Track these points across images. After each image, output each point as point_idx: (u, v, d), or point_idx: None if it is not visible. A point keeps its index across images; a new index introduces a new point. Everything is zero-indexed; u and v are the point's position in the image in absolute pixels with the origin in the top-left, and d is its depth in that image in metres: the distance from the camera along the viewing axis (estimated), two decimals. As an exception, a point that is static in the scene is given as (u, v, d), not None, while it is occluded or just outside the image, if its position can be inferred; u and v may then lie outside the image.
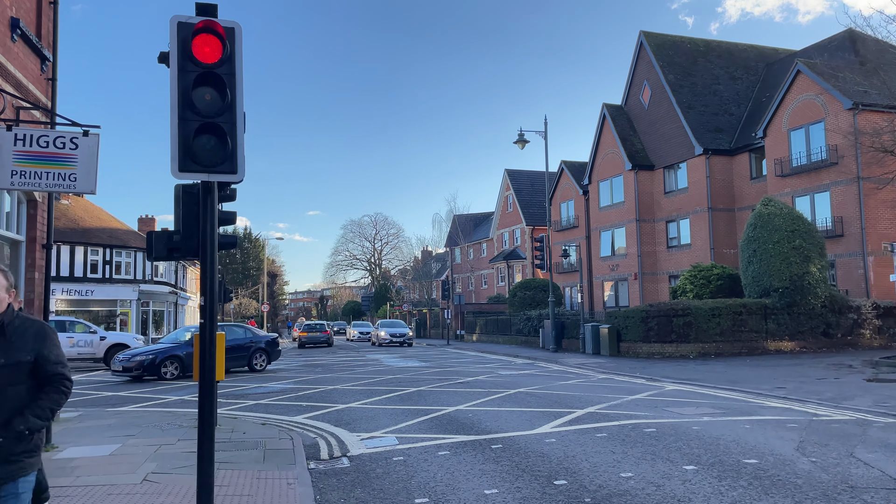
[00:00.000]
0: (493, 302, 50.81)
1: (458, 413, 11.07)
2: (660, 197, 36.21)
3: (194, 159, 4.97)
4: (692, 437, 8.24)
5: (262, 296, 58.21)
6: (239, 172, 5.09)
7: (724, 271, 25.77)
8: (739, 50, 38.95)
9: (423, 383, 16.12)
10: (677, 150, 34.75)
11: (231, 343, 19.98)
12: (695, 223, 33.68)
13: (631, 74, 38.93)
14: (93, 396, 15.57)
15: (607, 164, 39.08)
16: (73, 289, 34.55)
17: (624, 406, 11.23)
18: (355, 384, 16.47)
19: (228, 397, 14.43)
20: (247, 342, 21.22)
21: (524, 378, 17.11)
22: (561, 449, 7.81)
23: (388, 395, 13.98)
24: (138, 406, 13.62)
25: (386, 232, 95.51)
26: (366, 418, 10.93)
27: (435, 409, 11.55)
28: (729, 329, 22.37)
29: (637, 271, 36.38)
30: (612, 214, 38.80)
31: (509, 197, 57.68)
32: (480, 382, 16.10)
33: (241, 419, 11.22)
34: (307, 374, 20.28)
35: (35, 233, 9.04)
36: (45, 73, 9.42)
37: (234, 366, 20.55)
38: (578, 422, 9.69)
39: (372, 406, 12.37)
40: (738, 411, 10.43)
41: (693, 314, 22.27)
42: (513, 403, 12.04)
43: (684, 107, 34.35)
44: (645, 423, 9.32)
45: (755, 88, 36.69)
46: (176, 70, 4.97)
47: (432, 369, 20.68)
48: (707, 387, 14.06)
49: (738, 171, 33.03)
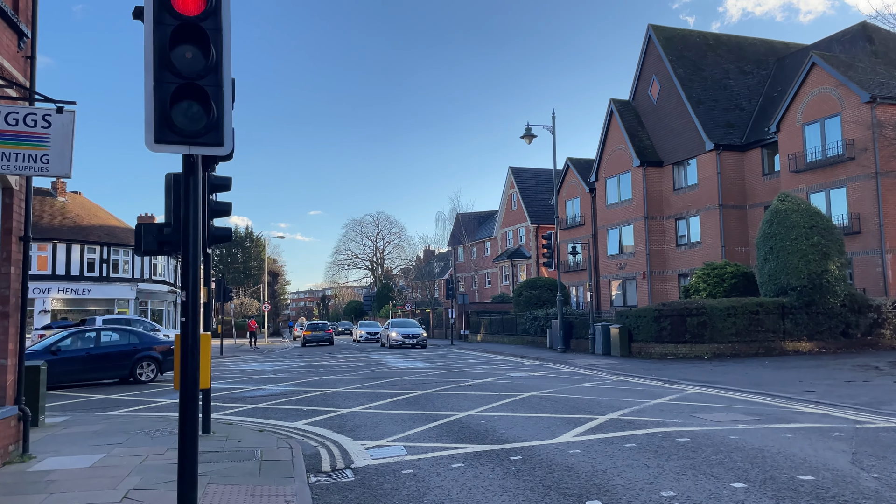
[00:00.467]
0: (497, 301, 50.03)
1: (469, 419, 10.32)
2: (669, 194, 35.42)
3: (173, 129, 4.22)
4: (732, 448, 7.47)
5: (264, 295, 57.49)
6: (226, 144, 4.35)
7: (738, 269, 24.99)
8: (749, 44, 38.15)
9: (429, 386, 15.37)
10: (687, 145, 33.96)
11: (105, 350, 17.94)
12: (705, 220, 32.88)
13: (639, 69, 38.13)
14: (84, 399, 14.85)
15: (615, 161, 38.29)
16: (70, 287, 33.83)
17: (648, 412, 10.47)
18: (358, 387, 15.73)
19: (225, 400, 13.70)
20: (129, 349, 18.30)
21: (535, 380, 16.35)
22: (588, 462, 7.05)
23: (394, 398, 13.23)
24: (130, 410, 12.89)
25: (388, 231, 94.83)
26: (370, 424, 10.19)
27: (444, 415, 10.80)
28: (745, 329, 21.59)
29: (645, 270, 35.59)
30: (619, 212, 38.02)
31: (513, 195, 56.90)
32: (490, 385, 15.34)
33: (236, 425, 10.49)
34: (308, 375, 19.55)
35: (10, 224, 8.29)
36: (23, 51, 8.67)
37: (105, 377, 18.01)
38: (602, 430, 8.93)
39: (376, 411, 11.62)
40: (773, 418, 9.66)
41: (708, 313, 21.49)
42: (527, 408, 11.28)
43: (694, 101, 33.56)
44: (676, 432, 8.56)
45: (766, 83, 35.90)
46: (151, 22, 4.22)
47: (438, 371, 19.93)
48: (731, 390, 13.30)
49: (749, 167, 32.23)
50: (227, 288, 38.38)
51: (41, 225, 34.03)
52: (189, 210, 4.45)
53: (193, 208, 4.46)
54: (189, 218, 4.44)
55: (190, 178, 4.50)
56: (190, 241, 4.48)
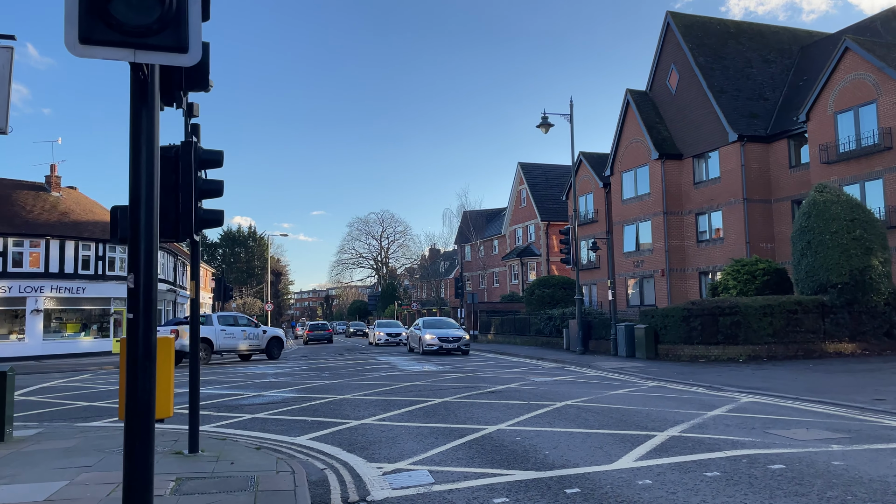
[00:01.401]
0: (506, 301, 48.49)
1: (501, 435, 8.84)
2: (689, 188, 33.87)
3: (108, 21, 2.73)
4: (848, 481, 5.96)
5: (267, 294, 56.11)
6: (191, 50, 2.86)
7: (769, 266, 23.45)
8: (772, 32, 36.57)
9: (446, 392, 13.88)
10: (708, 137, 32.40)
11: None
12: (728, 215, 31.32)
13: (656, 58, 36.58)
14: (68, 407, 13.40)
15: (631, 154, 36.75)
16: (63, 286, 32.40)
17: (710, 427, 8.97)
18: (367, 393, 14.24)
19: (221, 409, 12.23)
20: None
21: (563, 386, 14.85)
22: (668, 499, 5.56)
23: (409, 407, 11.75)
24: (114, 419, 11.45)
25: (393, 230, 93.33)
26: (386, 440, 8.72)
27: (471, 429, 9.32)
28: (782, 329, 20.05)
29: (664, 267, 34.04)
30: (636, 207, 36.47)
31: (523, 191, 55.35)
32: (515, 392, 13.84)
33: (230, 441, 9.04)
34: (313, 380, 18.08)
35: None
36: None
37: None
38: (667, 451, 7.43)
39: (391, 423, 10.14)
40: (866, 435, 8.15)
41: (742, 313, 19.95)
42: (567, 422, 9.79)
43: (716, 91, 32.00)
44: (761, 456, 7.05)
45: (790, 72, 34.33)
46: None
47: (453, 375, 18.43)
48: (789, 398, 11.78)
49: (775, 158, 30.65)
50: (227, 286, 36.86)
51: (33, 221, 32.62)
52: (140, 152, 2.96)
53: (148, 151, 2.98)
54: (140, 163, 2.96)
55: (142, 109, 3.01)
56: (142, 201, 3.00)
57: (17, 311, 31.69)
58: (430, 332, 29.28)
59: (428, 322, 31.57)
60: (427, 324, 31.08)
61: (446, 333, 29.01)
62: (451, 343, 28.56)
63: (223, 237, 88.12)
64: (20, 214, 32.54)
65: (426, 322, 31.60)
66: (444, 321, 32.08)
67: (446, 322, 31.76)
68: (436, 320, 32.28)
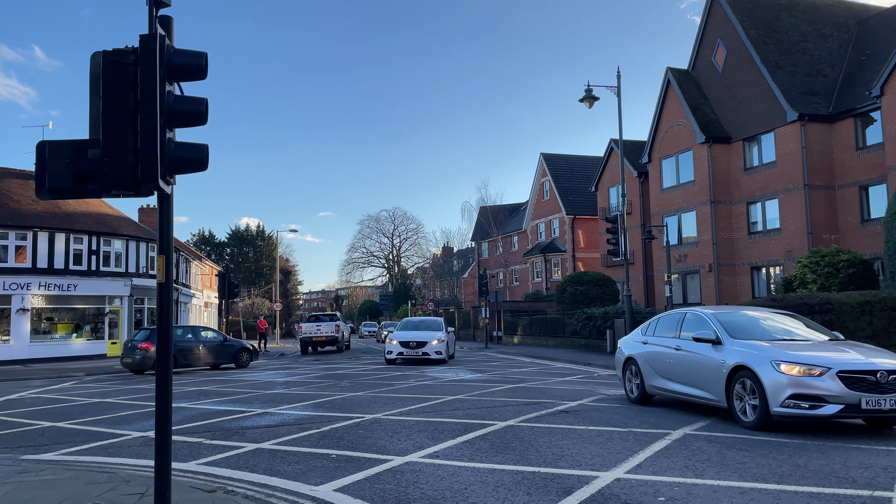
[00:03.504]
0: (530, 299, 45.45)
1: (629, 491, 5.86)
2: (738, 174, 30.75)
3: None
4: None
5: (276, 294, 53.38)
6: None
7: (854, 257, 20.35)
8: (825, 5, 33.40)
9: (504, 412, 10.88)
10: (762, 117, 29.30)
11: None
12: (785, 204, 28.20)
13: (700, 34, 33.49)
14: (25, 429, 10.52)
15: (672, 139, 33.67)
16: (53, 283, 29.56)
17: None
18: (402, 410, 11.27)
19: (216, 435, 9.29)
20: None
21: (645, 401, 11.84)
22: None
23: (465, 435, 8.76)
24: (74, 450, 8.57)
25: (405, 227, 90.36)
26: (452, 497, 5.77)
27: (570, 476, 6.36)
28: (883, 329, 16.97)
29: (712, 262, 30.95)
30: (677, 196, 33.39)
31: (546, 183, 52.29)
32: (596, 412, 10.81)
33: (223, 492, 6.12)
34: (331, 390, 15.14)
35: None
36: None
37: None
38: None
39: (449, 462, 7.18)
40: None
41: (836, 310, 16.86)
42: (714, 467, 6.80)
43: (771, 66, 28.89)
44: None
45: (848, 47, 31.20)
46: None
47: (497, 385, 15.43)
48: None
49: (838, 140, 27.51)
50: (232, 283, 34.10)
51: (21, 211, 29.85)
52: None
53: None
54: None
55: None
56: None
57: (2, 310, 28.89)
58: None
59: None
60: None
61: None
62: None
63: (231, 236, 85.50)
64: (6, 204, 29.75)
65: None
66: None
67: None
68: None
